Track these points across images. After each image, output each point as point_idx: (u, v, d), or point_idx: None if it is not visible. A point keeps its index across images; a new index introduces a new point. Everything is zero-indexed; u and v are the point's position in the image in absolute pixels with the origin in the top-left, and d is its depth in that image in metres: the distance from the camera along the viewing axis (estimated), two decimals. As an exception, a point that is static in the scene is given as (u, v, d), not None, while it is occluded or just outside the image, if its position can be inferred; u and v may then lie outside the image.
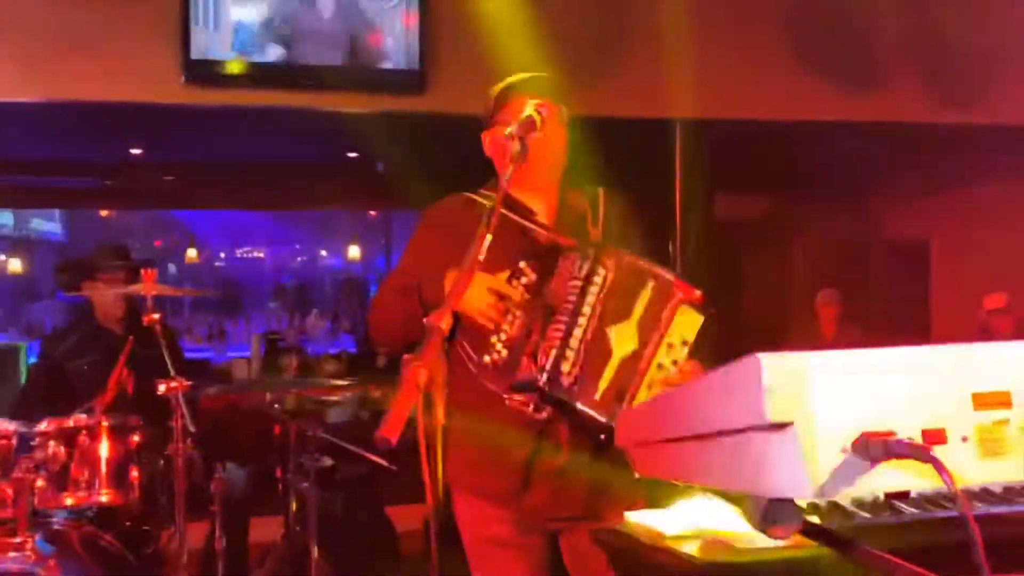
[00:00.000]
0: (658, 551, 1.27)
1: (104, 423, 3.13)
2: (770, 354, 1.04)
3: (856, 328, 5.87)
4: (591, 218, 2.25)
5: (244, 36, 4.44)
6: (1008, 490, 1.23)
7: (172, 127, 5.60)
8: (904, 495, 1.15)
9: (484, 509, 2.23)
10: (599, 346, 2.03)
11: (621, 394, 2.00)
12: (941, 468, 0.97)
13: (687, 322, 2.06)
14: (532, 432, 2.14)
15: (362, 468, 4.52)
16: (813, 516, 1.13)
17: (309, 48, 4.55)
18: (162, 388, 3.09)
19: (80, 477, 3.07)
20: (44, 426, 3.06)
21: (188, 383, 3.15)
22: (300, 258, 15.80)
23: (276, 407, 4.09)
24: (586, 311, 2.04)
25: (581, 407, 2.01)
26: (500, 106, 2.22)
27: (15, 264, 12.68)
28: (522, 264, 2.10)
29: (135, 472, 3.16)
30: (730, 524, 1.21)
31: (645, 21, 4.82)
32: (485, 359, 2.08)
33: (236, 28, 4.44)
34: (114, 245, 4.16)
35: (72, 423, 3.11)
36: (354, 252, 14.18)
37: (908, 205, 7.99)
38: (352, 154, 6.40)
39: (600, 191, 2.32)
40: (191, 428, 3.15)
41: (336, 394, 4.87)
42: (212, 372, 7.12)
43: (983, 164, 6.40)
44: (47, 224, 13.04)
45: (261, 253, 15.47)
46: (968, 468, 1.05)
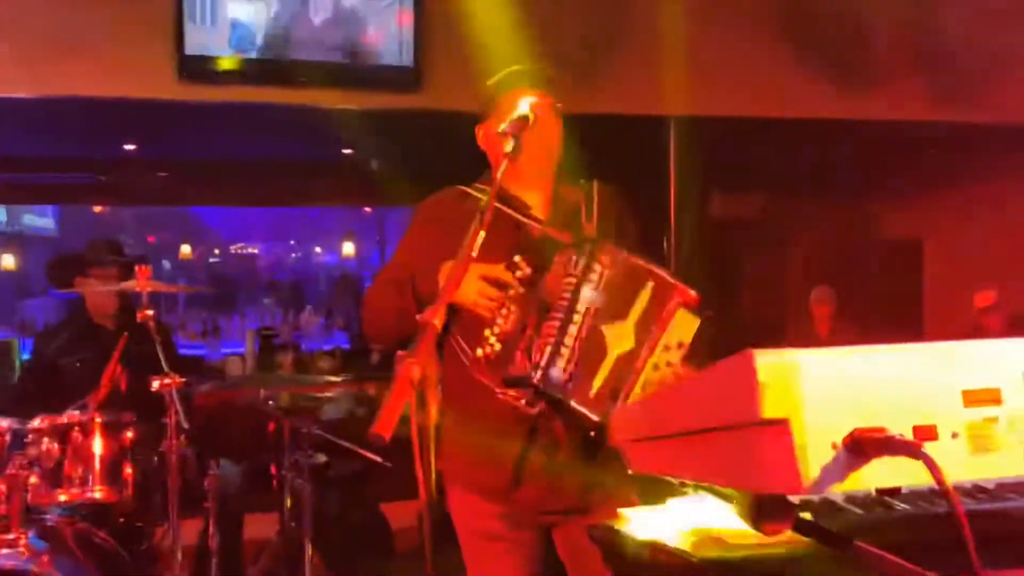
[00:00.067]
0: (652, 548, 1.27)
1: (97, 420, 3.13)
2: (763, 350, 1.05)
3: (850, 326, 5.88)
4: (585, 212, 2.24)
5: (241, 33, 4.44)
6: (1000, 486, 1.23)
7: (167, 123, 5.58)
8: (895, 491, 1.16)
9: (476, 503, 2.23)
10: (594, 344, 2.02)
11: (615, 393, 1.99)
12: (932, 465, 0.97)
13: (684, 324, 2.05)
14: (525, 427, 2.14)
15: (356, 464, 4.52)
16: (806, 512, 1.14)
17: (304, 45, 4.55)
18: (156, 384, 3.08)
19: (74, 474, 3.06)
20: (37, 423, 3.06)
21: (182, 379, 3.14)
22: (294, 255, 15.78)
23: (270, 404, 4.09)
24: (581, 308, 2.02)
25: (574, 404, 2.01)
26: (494, 100, 2.22)
27: (8, 260, 12.64)
28: (517, 258, 2.09)
29: (129, 469, 3.16)
30: (723, 520, 1.21)
31: (640, 18, 4.82)
32: (478, 352, 2.08)
33: (233, 25, 4.44)
34: (107, 241, 4.14)
35: (66, 420, 3.10)
36: (348, 249, 14.17)
37: (902, 203, 8.00)
38: (347, 151, 6.40)
39: (595, 184, 2.31)
40: (185, 425, 3.15)
41: (330, 390, 4.87)
42: (206, 368, 7.10)
43: (977, 163, 6.41)
44: (40, 220, 13.00)
45: (255, 249, 15.45)
46: (959, 464, 1.05)
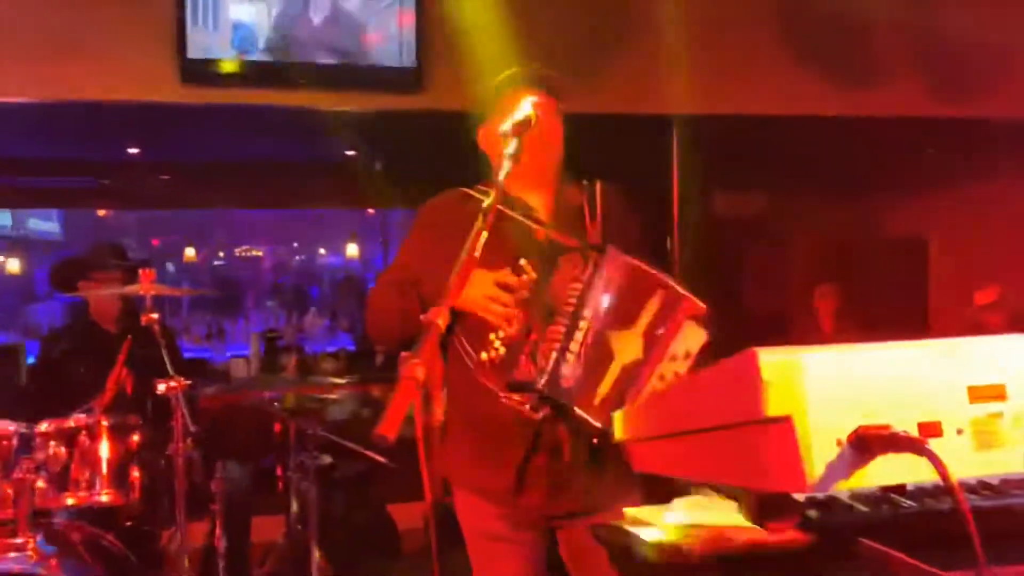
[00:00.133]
0: (657, 547, 1.27)
1: (104, 423, 3.13)
2: (767, 349, 1.05)
3: (854, 324, 5.87)
4: (588, 212, 2.23)
5: (243, 33, 4.44)
6: (1005, 482, 1.23)
7: (170, 126, 5.59)
8: (901, 488, 1.16)
9: (480, 505, 2.23)
10: (600, 351, 2.01)
11: (620, 400, 1.97)
12: (937, 461, 0.97)
13: (692, 336, 2.04)
14: (529, 432, 2.13)
15: (362, 466, 4.53)
16: (810, 510, 1.14)
17: (306, 47, 4.55)
18: (162, 388, 3.09)
19: (81, 477, 3.07)
20: (44, 427, 3.07)
21: (187, 382, 3.15)
22: (298, 257, 15.80)
23: (275, 406, 4.09)
24: (587, 314, 2.01)
25: (578, 411, 2.00)
26: (496, 101, 2.22)
27: (13, 264, 12.67)
28: (522, 262, 2.09)
29: (135, 472, 3.16)
30: (728, 519, 1.21)
31: (641, 17, 4.81)
32: (483, 356, 2.08)
33: (235, 26, 4.44)
34: (110, 244, 4.14)
35: (72, 423, 3.11)
36: (352, 250, 14.17)
37: (907, 201, 7.98)
38: (350, 152, 6.40)
39: (598, 184, 2.30)
40: (193, 427, 3.15)
41: (335, 392, 4.87)
42: (211, 371, 7.11)
43: (983, 159, 6.39)
44: (45, 224, 13.02)
45: (259, 252, 15.47)
46: (964, 461, 1.05)
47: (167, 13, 4.36)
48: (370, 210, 11.47)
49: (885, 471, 1.03)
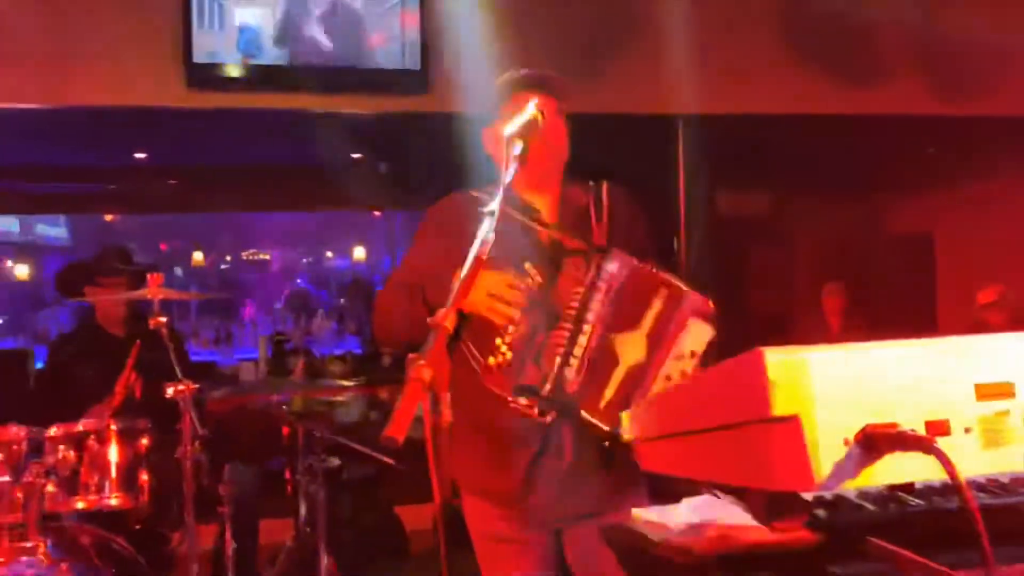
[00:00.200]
0: (665, 547, 1.27)
1: (113, 427, 3.14)
2: (773, 348, 1.05)
3: (862, 321, 5.86)
4: (594, 213, 2.23)
5: (249, 36, 4.46)
6: (1014, 480, 1.23)
7: (176, 131, 5.61)
8: (908, 487, 1.15)
9: (488, 507, 2.23)
10: (605, 354, 2.01)
11: (627, 403, 1.96)
12: (945, 459, 0.97)
13: (697, 333, 2.04)
14: (536, 435, 2.13)
15: (370, 468, 4.53)
16: (818, 509, 1.14)
17: (311, 50, 4.57)
18: (170, 391, 3.10)
19: (90, 481, 3.08)
20: (54, 431, 3.08)
21: (195, 386, 3.15)
22: (305, 260, 15.81)
23: (283, 408, 4.10)
24: (590, 317, 2.01)
25: (585, 415, 2.00)
26: (501, 103, 2.22)
27: (22, 270, 12.71)
28: (527, 265, 2.08)
29: (144, 475, 3.17)
30: (736, 519, 1.21)
31: (646, 17, 4.81)
32: (490, 360, 2.07)
33: (241, 30, 4.46)
34: (116, 249, 4.14)
35: (81, 427, 3.12)
36: (359, 253, 14.18)
37: (912, 198, 7.97)
38: (356, 155, 6.41)
39: (604, 185, 2.29)
40: (203, 430, 3.16)
41: (343, 395, 4.88)
42: (219, 375, 7.13)
43: (987, 156, 6.38)
44: (53, 230, 13.05)
45: (267, 255, 15.49)
46: (972, 459, 1.05)
47: (172, 18, 4.38)
48: (377, 213, 11.48)
49: (893, 470, 1.03)
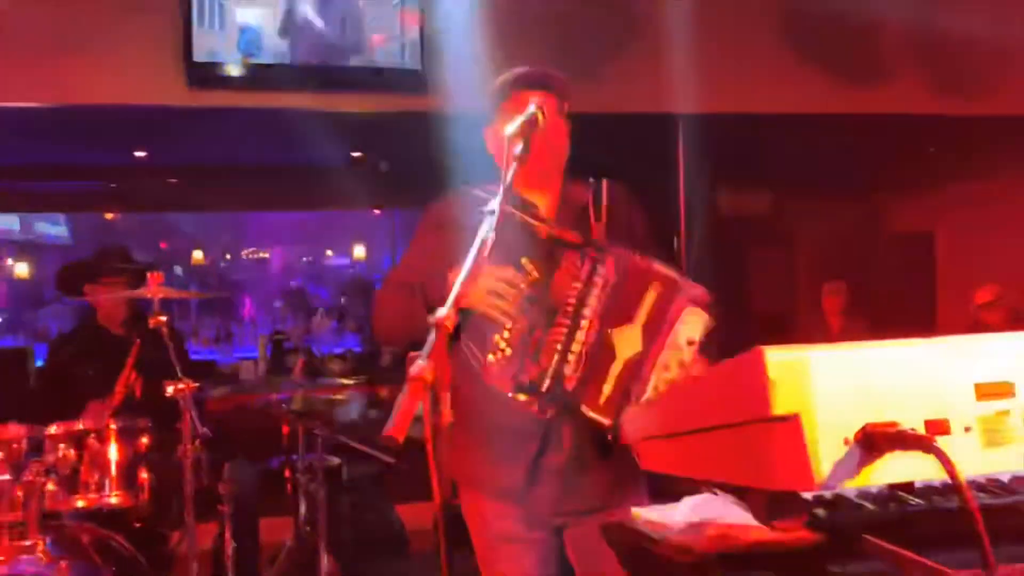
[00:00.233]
0: (666, 545, 1.27)
1: (113, 426, 3.15)
2: (774, 347, 1.05)
3: (862, 320, 5.86)
4: (594, 211, 2.22)
5: (249, 36, 4.46)
6: (1014, 480, 1.23)
7: (176, 130, 5.61)
8: (908, 486, 1.15)
9: (490, 505, 2.23)
10: (602, 349, 2.01)
11: (626, 397, 1.98)
12: (945, 459, 0.97)
13: (693, 322, 2.04)
14: (537, 431, 2.13)
15: (371, 467, 4.53)
16: (818, 508, 1.14)
17: (312, 49, 4.57)
18: (170, 390, 3.10)
19: (90, 479, 3.08)
20: (53, 429, 3.08)
21: (195, 384, 3.15)
22: (305, 258, 15.81)
23: (283, 407, 4.10)
24: (587, 313, 2.02)
25: (585, 411, 2.01)
26: (501, 101, 2.22)
27: (21, 268, 12.71)
28: (524, 260, 2.08)
29: (144, 474, 3.17)
30: (736, 517, 1.21)
31: (646, 17, 4.81)
32: (489, 358, 2.07)
33: (242, 30, 4.46)
34: (115, 248, 4.14)
35: (81, 426, 3.12)
36: (359, 252, 14.19)
37: (912, 198, 7.97)
38: (356, 154, 6.41)
39: (603, 183, 2.29)
40: (203, 429, 3.16)
41: (342, 393, 4.88)
42: (219, 373, 7.13)
43: (987, 156, 6.38)
44: (53, 228, 13.05)
45: (267, 254, 15.49)
46: (972, 458, 1.05)
47: (173, 17, 4.38)
48: (377, 211, 11.49)
49: (893, 469, 1.03)
